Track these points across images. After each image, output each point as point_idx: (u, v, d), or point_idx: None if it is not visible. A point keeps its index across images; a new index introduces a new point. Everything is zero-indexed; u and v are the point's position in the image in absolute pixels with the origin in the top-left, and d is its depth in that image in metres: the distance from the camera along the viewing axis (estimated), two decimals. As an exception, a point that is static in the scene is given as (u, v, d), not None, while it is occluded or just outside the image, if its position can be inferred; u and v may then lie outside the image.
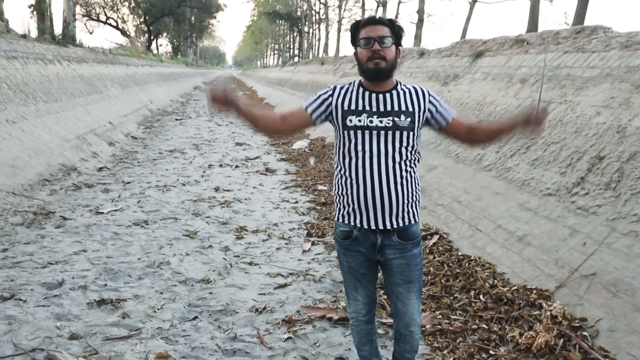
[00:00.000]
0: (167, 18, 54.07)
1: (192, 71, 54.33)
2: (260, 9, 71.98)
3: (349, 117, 2.69)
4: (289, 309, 4.26)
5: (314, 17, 56.28)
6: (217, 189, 8.44)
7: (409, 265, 2.79)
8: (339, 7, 43.88)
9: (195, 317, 4.11)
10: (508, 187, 5.78)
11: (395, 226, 2.71)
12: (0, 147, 7.80)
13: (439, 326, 3.96)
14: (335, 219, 2.87)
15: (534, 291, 4.18)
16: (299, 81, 26.98)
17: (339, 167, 2.77)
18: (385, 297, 4.43)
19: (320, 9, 53.00)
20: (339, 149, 2.77)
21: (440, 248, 5.42)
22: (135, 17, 54.07)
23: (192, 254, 5.49)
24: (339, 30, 43.10)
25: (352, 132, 2.68)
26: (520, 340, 3.63)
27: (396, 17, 32.45)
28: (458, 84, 9.48)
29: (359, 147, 2.68)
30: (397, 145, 2.67)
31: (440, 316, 4.13)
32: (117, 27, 51.79)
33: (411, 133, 2.69)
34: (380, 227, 2.70)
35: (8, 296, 4.30)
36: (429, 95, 2.78)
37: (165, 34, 61.87)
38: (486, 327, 3.91)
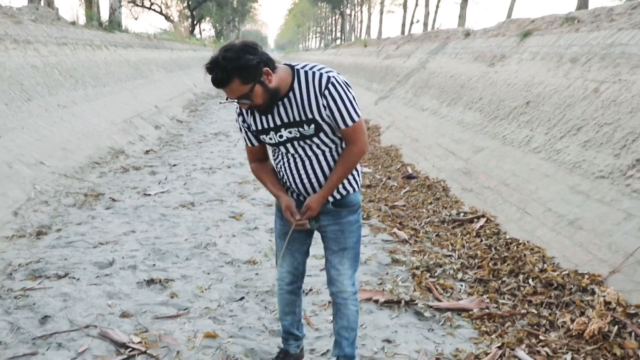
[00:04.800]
0: (209, 2, 54.41)
1: (235, 55, 54.43)
2: (302, -9, 71.77)
3: (262, 136, 2.65)
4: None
5: (356, -1, 55.80)
6: (261, 172, 8.47)
7: (344, 232, 2.75)
8: (382, -12, 43.38)
9: (242, 298, 4.15)
10: (558, 169, 5.62)
11: (331, 200, 2.70)
12: (52, 131, 8.01)
13: (487, 310, 3.91)
14: None
15: (586, 276, 4.07)
16: (342, 63, 26.84)
17: (273, 154, 2.79)
18: (431, 280, 4.41)
19: (362, -10, 52.51)
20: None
21: (488, 231, 5.32)
22: (179, 2, 54.59)
23: (238, 235, 5.54)
24: (381, 12, 42.68)
25: (272, 147, 2.71)
26: (571, 326, 3.54)
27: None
28: (505, 64, 9.26)
29: (283, 155, 2.67)
30: (315, 147, 2.60)
31: (488, 300, 4.07)
32: (161, 13, 52.38)
33: (322, 134, 2.56)
34: None
35: (62, 274, 4.43)
36: (326, 87, 2.45)
37: (208, 18, 62.33)
38: (536, 312, 3.84)
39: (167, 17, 53.50)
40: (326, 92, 2.44)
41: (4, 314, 3.74)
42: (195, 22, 55.11)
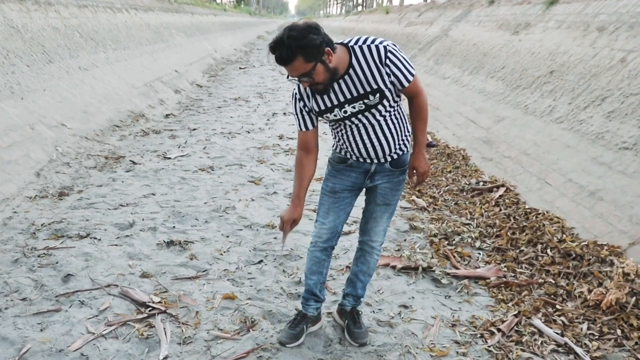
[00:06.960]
0: (230, -34, 53.78)
1: (255, 20, 54.14)
2: (323, -45, 70.52)
3: (325, 115, 2.74)
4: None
5: (378, -36, 54.84)
6: (281, 137, 8.49)
7: (393, 190, 2.94)
8: (405, -47, 42.46)
9: (261, 261, 4.20)
10: (580, 140, 5.55)
11: (389, 160, 2.84)
12: (73, 94, 8.06)
13: (504, 279, 3.91)
14: (333, 147, 2.97)
15: (605, 247, 4.04)
16: (363, 30, 26.52)
17: (332, 126, 2.86)
18: (448, 248, 4.41)
19: (385, -45, 51.56)
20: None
21: (507, 201, 5.29)
22: (199, -35, 54.01)
23: (257, 199, 5.58)
24: (404, -23, 41.82)
25: (334, 122, 2.80)
26: (588, 297, 3.54)
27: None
28: (529, 32, 9.08)
29: (346, 127, 2.76)
30: (377, 115, 2.70)
31: (505, 269, 4.08)
32: (181, -24, 51.92)
33: (385, 101, 2.67)
34: (375, 161, 2.84)
35: (84, 235, 4.51)
36: (385, 56, 2.57)
37: (228, -17, 61.65)
38: (553, 281, 3.83)
39: (187, -19, 53.01)
40: (387, 61, 2.57)
41: (28, 272, 3.83)
42: (215, -14, 54.58)
